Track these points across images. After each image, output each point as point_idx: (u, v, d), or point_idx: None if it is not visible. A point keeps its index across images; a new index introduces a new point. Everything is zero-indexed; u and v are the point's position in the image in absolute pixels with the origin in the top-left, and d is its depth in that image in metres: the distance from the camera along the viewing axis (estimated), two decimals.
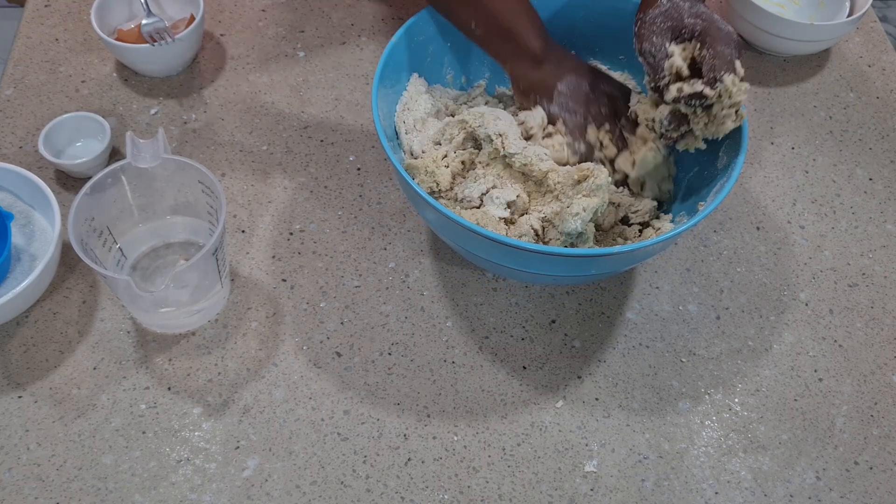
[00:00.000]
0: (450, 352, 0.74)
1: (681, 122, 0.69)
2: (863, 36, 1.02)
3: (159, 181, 0.72)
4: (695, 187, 0.75)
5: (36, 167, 0.83)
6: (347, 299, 0.77)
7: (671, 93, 0.67)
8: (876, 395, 0.74)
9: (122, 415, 0.69)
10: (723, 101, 0.65)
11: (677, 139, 0.72)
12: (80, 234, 0.66)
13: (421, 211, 0.69)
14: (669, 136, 0.71)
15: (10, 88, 0.89)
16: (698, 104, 0.66)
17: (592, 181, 0.68)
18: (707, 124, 0.68)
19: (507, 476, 0.68)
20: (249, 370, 0.72)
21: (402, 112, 0.76)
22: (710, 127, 0.68)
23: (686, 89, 0.66)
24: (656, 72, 0.68)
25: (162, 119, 0.88)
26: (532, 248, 0.63)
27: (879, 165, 0.90)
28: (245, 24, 0.98)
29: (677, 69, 0.67)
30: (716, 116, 0.66)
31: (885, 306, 0.79)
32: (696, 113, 0.67)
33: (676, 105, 0.67)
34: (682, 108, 0.67)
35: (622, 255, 0.64)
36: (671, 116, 0.69)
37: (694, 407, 0.73)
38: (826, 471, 0.70)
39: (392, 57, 0.74)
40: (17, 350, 0.72)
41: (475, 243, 0.66)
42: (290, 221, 0.82)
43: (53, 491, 0.65)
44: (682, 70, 0.67)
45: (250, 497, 0.66)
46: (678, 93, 0.66)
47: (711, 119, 0.67)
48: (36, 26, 0.96)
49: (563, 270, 0.66)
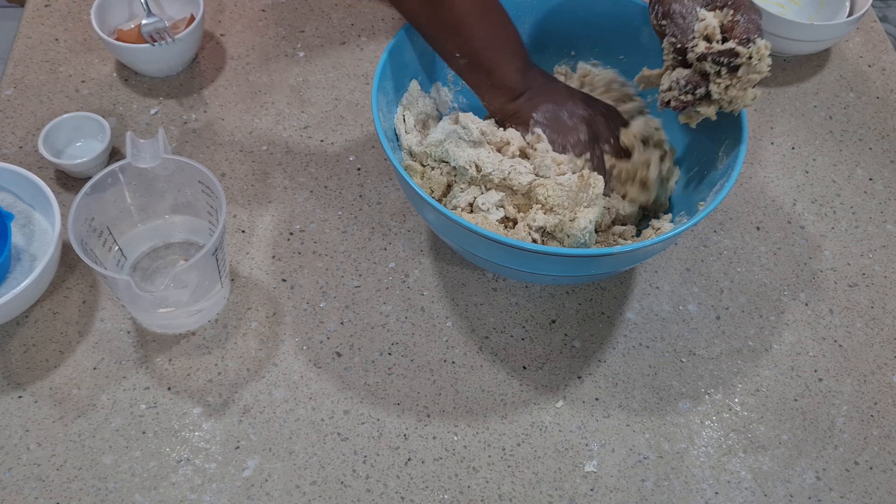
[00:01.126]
0: (450, 352, 0.74)
1: (698, 85, 0.68)
2: (863, 36, 1.02)
3: (159, 181, 0.72)
4: (694, 187, 0.75)
5: (36, 167, 0.83)
6: (347, 299, 0.77)
7: (699, 48, 0.66)
8: (876, 395, 0.74)
9: (122, 415, 0.69)
10: (752, 63, 0.65)
11: (687, 105, 0.70)
12: (80, 234, 0.66)
13: (421, 211, 0.69)
14: (680, 100, 0.69)
15: (11, 88, 0.89)
16: (727, 62, 0.65)
17: (593, 191, 0.69)
18: (728, 87, 0.66)
19: (507, 476, 0.68)
20: (249, 370, 0.72)
21: (403, 112, 0.76)
22: (731, 91, 0.66)
23: (716, 46, 0.65)
24: (685, 33, 0.67)
25: (162, 119, 0.88)
26: (532, 248, 0.63)
27: (879, 165, 0.90)
28: (245, 24, 0.98)
29: (710, 31, 0.66)
30: (740, 80, 0.66)
31: (886, 306, 0.79)
32: (719, 73, 0.66)
33: (701, 64, 0.66)
34: (707, 67, 0.66)
35: (622, 256, 0.64)
36: (689, 77, 0.68)
37: (694, 407, 0.73)
38: (826, 471, 0.70)
39: (392, 57, 0.74)
40: (17, 350, 0.72)
41: (475, 243, 0.66)
42: (290, 221, 0.82)
43: (53, 491, 0.65)
44: (715, 32, 0.66)
45: (250, 497, 0.66)
46: (707, 49, 0.65)
47: (734, 83, 0.66)
48: (36, 26, 0.96)
49: (562, 270, 0.67)
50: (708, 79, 0.67)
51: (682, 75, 0.68)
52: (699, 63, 0.67)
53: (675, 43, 0.68)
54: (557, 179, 0.70)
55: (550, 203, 0.70)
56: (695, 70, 0.68)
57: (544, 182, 0.70)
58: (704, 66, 0.66)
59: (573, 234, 0.68)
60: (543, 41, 0.82)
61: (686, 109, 0.70)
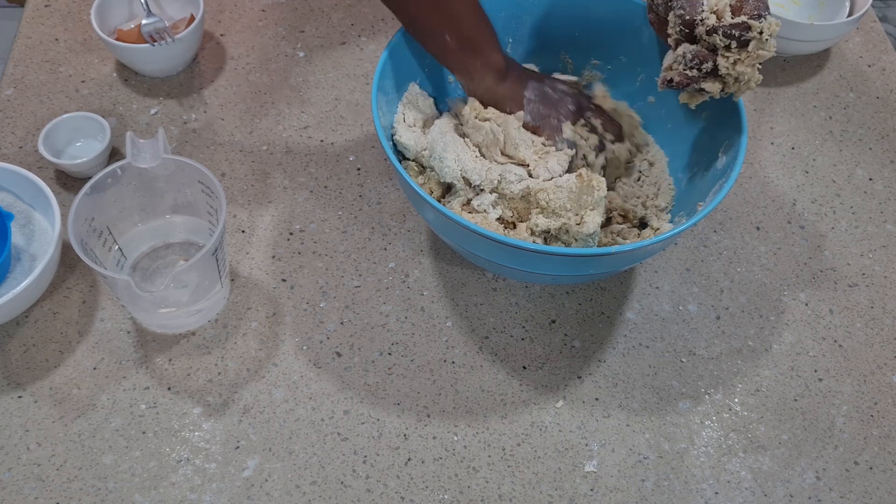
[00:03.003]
0: (450, 352, 0.74)
1: (705, 60, 0.67)
2: (863, 36, 1.02)
3: (159, 181, 0.72)
4: (694, 188, 0.75)
5: (36, 167, 0.83)
6: (347, 299, 0.77)
7: (710, 20, 0.65)
8: (876, 395, 0.74)
9: (122, 415, 0.69)
10: (763, 38, 0.64)
11: (691, 82, 0.69)
12: (80, 234, 0.66)
13: (421, 211, 0.69)
14: (685, 75, 0.69)
15: (10, 88, 0.89)
16: (738, 35, 0.65)
17: (597, 194, 0.69)
18: (736, 63, 0.66)
19: (507, 476, 0.68)
20: (249, 370, 0.72)
21: (403, 111, 0.76)
22: (739, 67, 0.66)
23: (727, 19, 0.65)
24: (694, 6, 0.66)
25: (162, 119, 0.88)
26: (532, 247, 0.63)
27: (879, 165, 0.90)
28: (245, 24, 0.98)
29: (720, 7, 0.66)
30: (749, 55, 0.65)
31: (885, 306, 0.79)
32: (728, 48, 0.66)
33: (711, 38, 0.66)
34: (717, 40, 0.66)
35: (622, 255, 0.64)
36: (697, 52, 0.67)
37: (694, 407, 0.73)
38: (826, 471, 0.70)
39: (393, 56, 0.74)
40: (17, 350, 0.72)
41: (475, 243, 0.66)
42: (290, 221, 0.82)
43: (53, 491, 0.65)
44: (726, 11, 0.66)
45: (250, 497, 0.66)
46: (717, 22, 0.65)
47: (743, 58, 0.66)
48: (36, 26, 0.96)
49: (562, 270, 0.67)
50: (716, 53, 0.67)
51: (688, 50, 0.68)
52: (708, 37, 0.66)
53: (684, 15, 0.67)
54: (556, 182, 0.70)
55: (552, 206, 0.70)
56: (703, 45, 0.67)
57: (544, 186, 0.70)
58: (714, 39, 0.66)
59: (581, 238, 0.69)
60: (543, 41, 0.82)
61: (689, 87, 0.69)
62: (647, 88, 0.82)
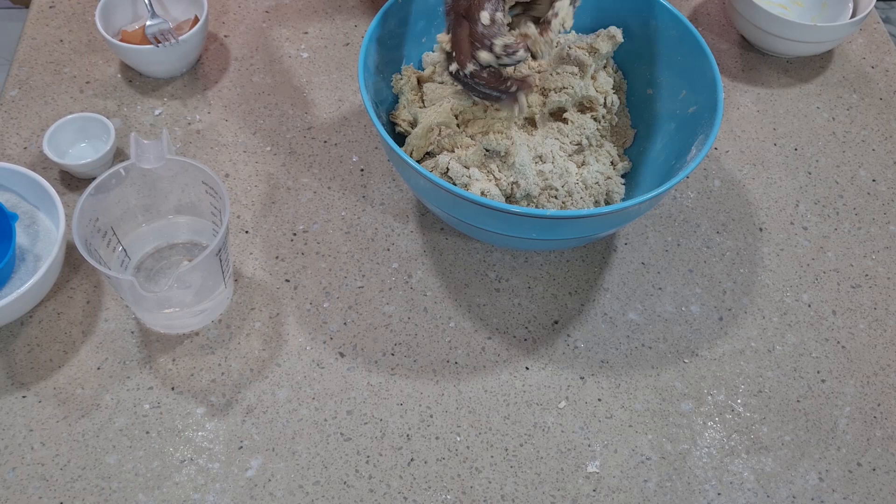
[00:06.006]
0: (453, 352, 0.74)
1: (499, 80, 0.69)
2: (866, 37, 1.02)
3: (163, 182, 0.72)
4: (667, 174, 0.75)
5: (40, 168, 0.83)
6: (350, 300, 0.77)
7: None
8: (879, 396, 0.74)
9: (125, 415, 0.69)
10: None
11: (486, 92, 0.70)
12: (85, 235, 0.66)
13: (406, 177, 0.71)
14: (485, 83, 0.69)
15: (15, 89, 0.90)
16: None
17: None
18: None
19: (509, 477, 0.68)
20: (253, 370, 0.72)
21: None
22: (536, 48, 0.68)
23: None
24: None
25: (166, 120, 0.89)
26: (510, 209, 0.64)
27: (882, 167, 0.90)
28: (249, 26, 0.98)
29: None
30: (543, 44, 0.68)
31: (888, 308, 0.79)
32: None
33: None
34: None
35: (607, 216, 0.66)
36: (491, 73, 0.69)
37: (696, 408, 0.73)
38: (829, 472, 0.70)
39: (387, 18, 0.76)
40: (21, 350, 0.72)
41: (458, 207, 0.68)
42: (294, 222, 0.82)
43: (57, 490, 0.66)
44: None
45: (253, 497, 0.66)
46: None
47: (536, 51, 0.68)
48: (40, 27, 0.96)
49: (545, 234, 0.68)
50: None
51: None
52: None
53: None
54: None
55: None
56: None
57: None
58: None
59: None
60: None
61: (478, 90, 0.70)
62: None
